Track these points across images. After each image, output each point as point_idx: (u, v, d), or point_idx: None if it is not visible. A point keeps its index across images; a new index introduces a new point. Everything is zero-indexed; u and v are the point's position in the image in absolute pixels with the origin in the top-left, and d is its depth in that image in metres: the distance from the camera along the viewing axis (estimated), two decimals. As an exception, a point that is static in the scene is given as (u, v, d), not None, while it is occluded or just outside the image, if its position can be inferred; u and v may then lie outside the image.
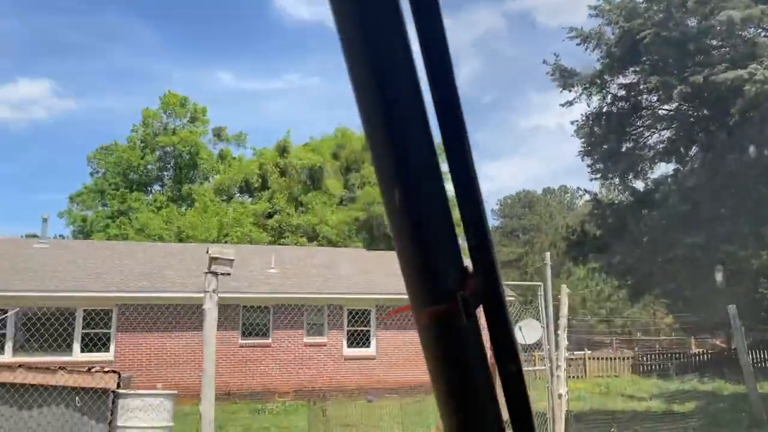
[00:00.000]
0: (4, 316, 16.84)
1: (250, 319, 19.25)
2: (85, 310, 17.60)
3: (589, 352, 31.60)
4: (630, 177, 13.52)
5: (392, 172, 0.57)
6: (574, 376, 26.45)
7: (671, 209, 11.66)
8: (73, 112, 61.12)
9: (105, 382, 5.61)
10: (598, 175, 13.44)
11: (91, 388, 5.54)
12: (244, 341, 18.94)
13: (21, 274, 17.88)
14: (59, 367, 5.62)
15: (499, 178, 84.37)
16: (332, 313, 19.95)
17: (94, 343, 17.55)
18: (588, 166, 13.47)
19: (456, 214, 0.61)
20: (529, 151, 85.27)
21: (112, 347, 17.65)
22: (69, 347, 17.34)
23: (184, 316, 18.23)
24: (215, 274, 6.29)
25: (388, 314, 19.88)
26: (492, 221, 73.56)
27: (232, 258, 6.23)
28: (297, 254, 23.34)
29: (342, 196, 35.04)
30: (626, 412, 14.98)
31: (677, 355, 28.68)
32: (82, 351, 17.45)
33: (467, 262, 0.61)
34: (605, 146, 12.99)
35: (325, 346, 19.70)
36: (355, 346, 19.96)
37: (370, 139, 0.59)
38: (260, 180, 36.25)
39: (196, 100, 46.63)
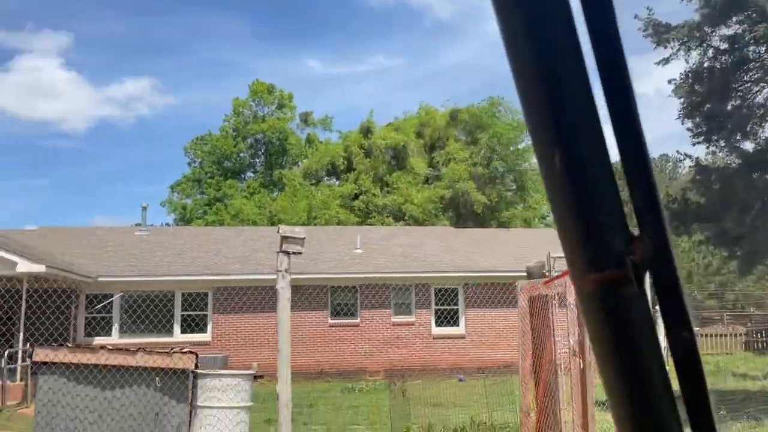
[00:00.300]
0: (110, 300, 17.98)
1: (339, 300, 19.46)
2: (183, 293, 18.45)
3: (697, 329, 29.67)
4: (738, 138, 12.27)
5: (552, 134, 0.54)
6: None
7: None
8: (173, 106, 64.39)
9: (183, 363, 5.71)
10: (701, 138, 12.27)
11: (171, 369, 5.66)
12: (333, 321, 19.20)
13: (125, 260, 18.99)
14: (138, 349, 5.77)
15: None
16: (419, 293, 19.80)
17: (193, 324, 18.38)
18: (689, 129, 12.36)
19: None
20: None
21: (209, 328, 18.43)
22: (170, 329, 18.28)
23: (275, 297, 18.72)
24: (287, 253, 6.22)
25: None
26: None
27: (302, 237, 6.13)
28: (382, 234, 23.34)
29: (427, 174, 34.69)
30: (737, 392, 13.82)
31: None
32: (182, 332, 18.34)
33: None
34: (708, 106, 11.83)
35: (413, 325, 19.61)
36: (443, 325, 19.74)
37: (526, 101, 0.56)
38: (345, 162, 36.56)
39: (285, 87, 47.57)
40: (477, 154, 33.75)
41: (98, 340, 17.75)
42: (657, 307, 0.60)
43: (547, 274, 7.04)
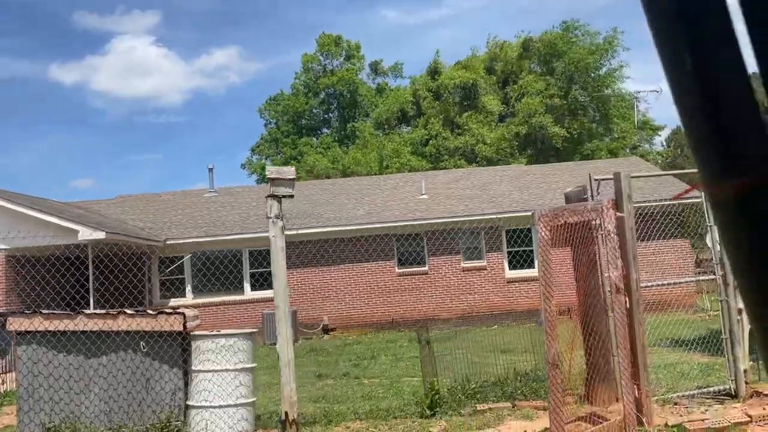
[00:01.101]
0: (179, 262, 18.35)
1: (405, 248, 18.85)
2: (250, 251, 18.49)
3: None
4: None
5: (681, 34, 0.51)
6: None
7: None
8: (259, 71, 65.79)
9: (170, 324, 5.27)
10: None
11: (156, 332, 5.24)
12: (401, 270, 18.67)
13: (193, 222, 19.26)
14: (119, 312, 5.38)
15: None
16: (489, 236, 18.80)
17: (262, 280, 18.45)
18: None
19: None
20: None
21: (277, 284, 18.43)
22: (240, 286, 18.46)
23: (342, 249, 18.39)
24: (276, 197, 5.56)
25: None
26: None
27: (291, 177, 5.45)
28: (451, 177, 22.32)
29: (500, 111, 32.91)
30: None
31: None
32: (252, 289, 18.47)
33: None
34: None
35: (484, 269, 18.73)
36: (518, 268, 18.71)
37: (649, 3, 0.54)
38: (415, 107, 35.40)
39: (362, 40, 46.42)
40: (553, 84, 31.51)
41: (173, 302, 18.26)
42: None
43: (587, 198, 5.99)
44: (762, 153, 0.50)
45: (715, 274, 6.59)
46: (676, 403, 6.13)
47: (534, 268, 18.82)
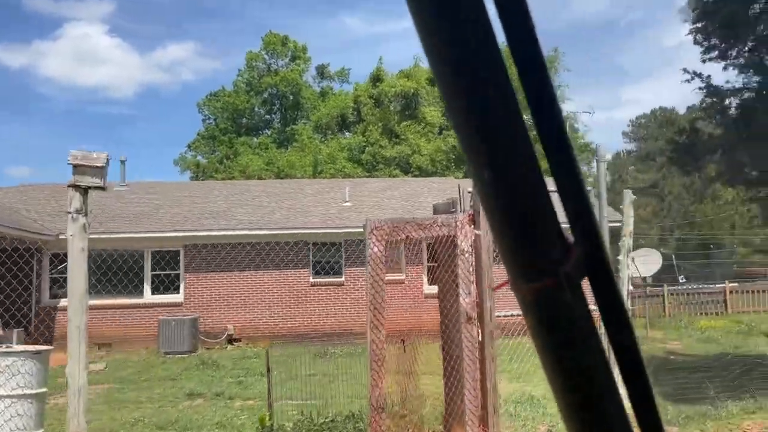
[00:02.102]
0: (71, 259, 16.88)
1: (322, 256, 17.92)
2: (153, 251, 17.21)
3: (735, 284, 27.19)
4: (763, 53, 9.95)
5: (479, 153, 0.54)
6: (711, 312, 22.76)
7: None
8: (216, 70, 64.14)
9: None
10: (715, 54, 9.99)
11: None
12: (315, 279, 17.72)
13: (93, 216, 17.79)
14: None
15: (643, 101, 76.86)
16: (411, 249, 18.08)
17: (166, 284, 17.17)
18: (699, 43, 10.07)
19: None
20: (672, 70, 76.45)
21: (181, 288, 17.19)
22: (140, 289, 17.13)
23: (253, 255, 17.30)
24: (79, 188, 4.58)
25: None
26: (623, 145, 66.91)
27: (101, 165, 4.48)
28: (379, 186, 21.57)
29: (441, 124, 32.48)
30: (765, 356, 11.71)
31: None
32: (153, 293, 17.17)
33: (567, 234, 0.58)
34: (724, 11, 9.54)
35: (402, 283, 17.98)
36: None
37: (452, 117, 0.56)
38: (355, 113, 34.65)
39: (321, 45, 45.23)
40: (493, 100, 31.31)
41: (64, 302, 16.77)
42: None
43: (456, 212, 5.25)
44: (553, 260, 0.54)
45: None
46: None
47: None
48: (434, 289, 16.88)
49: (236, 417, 7.70)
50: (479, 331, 4.30)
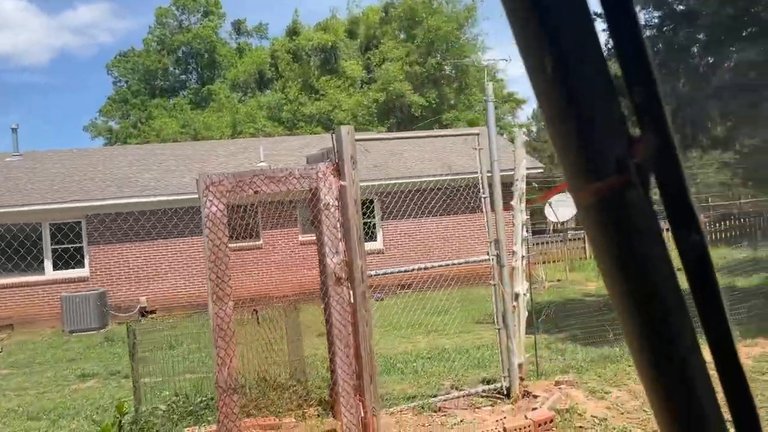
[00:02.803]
0: (-44, 238, 15.50)
1: (238, 220, 17.18)
2: (52, 224, 16.00)
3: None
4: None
5: (539, 34, 0.50)
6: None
7: (715, 17, 8.07)
8: (131, 31, 60.09)
9: None
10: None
11: None
12: (232, 245, 16.98)
13: (-19, 191, 16.35)
14: None
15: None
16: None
17: (68, 259, 16.06)
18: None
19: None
20: None
21: (86, 262, 16.13)
22: (40, 265, 15.95)
23: (165, 221, 16.37)
24: None
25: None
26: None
27: None
28: (297, 144, 20.81)
29: (362, 78, 31.71)
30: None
31: (755, 220, 25.00)
32: (56, 268, 16.04)
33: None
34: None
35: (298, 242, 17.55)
36: (366, 241, 17.69)
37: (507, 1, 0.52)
38: (274, 70, 33.34)
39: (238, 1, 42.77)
40: (414, 52, 30.73)
41: (-46, 285, 15.44)
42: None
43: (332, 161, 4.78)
44: (621, 155, 0.50)
45: (488, 254, 5.68)
46: (439, 409, 5.16)
47: (376, 240, 17.94)
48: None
49: (126, 398, 7.14)
50: (350, 292, 3.90)
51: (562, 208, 18.26)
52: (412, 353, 8.66)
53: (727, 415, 0.54)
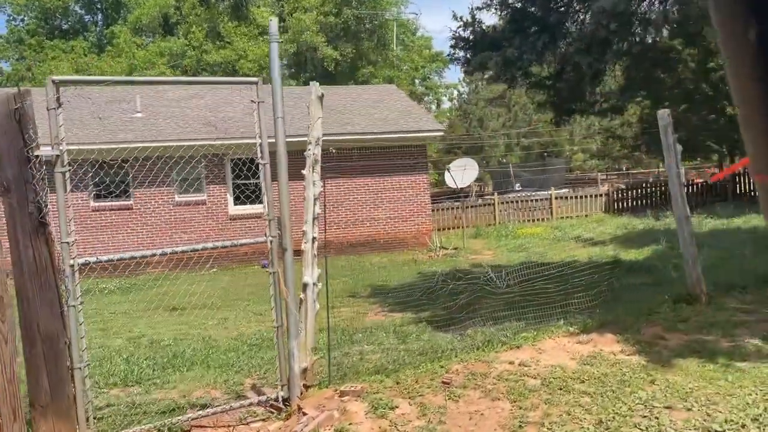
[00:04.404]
0: None
1: (105, 177, 15.47)
2: None
3: (564, 190, 28.08)
4: None
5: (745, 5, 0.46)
6: (537, 219, 23.21)
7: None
8: None
9: None
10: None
11: None
12: (97, 204, 15.34)
13: None
14: None
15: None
16: (213, 166, 16.11)
17: None
18: None
19: None
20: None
21: None
22: None
23: None
24: None
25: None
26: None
27: None
28: (182, 94, 18.99)
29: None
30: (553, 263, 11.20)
31: (658, 190, 25.09)
32: None
33: None
34: None
35: (204, 204, 16.10)
36: (243, 203, 16.36)
37: None
38: (179, 13, 30.78)
39: None
40: (329, 1, 28.90)
41: None
42: None
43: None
44: None
45: (265, 236, 4.56)
46: (189, 430, 4.06)
47: (262, 204, 16.69)
48: (242, 210, 14.93)
49: None
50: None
51: (462, 172, 17.49)
52: (243, 337, 7.50)
53: None
